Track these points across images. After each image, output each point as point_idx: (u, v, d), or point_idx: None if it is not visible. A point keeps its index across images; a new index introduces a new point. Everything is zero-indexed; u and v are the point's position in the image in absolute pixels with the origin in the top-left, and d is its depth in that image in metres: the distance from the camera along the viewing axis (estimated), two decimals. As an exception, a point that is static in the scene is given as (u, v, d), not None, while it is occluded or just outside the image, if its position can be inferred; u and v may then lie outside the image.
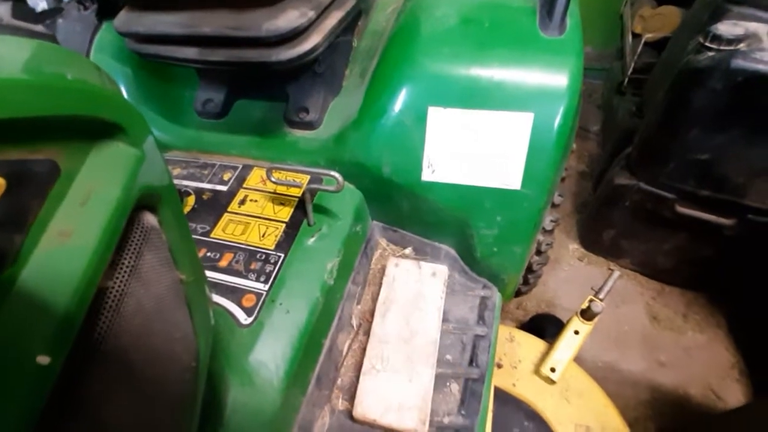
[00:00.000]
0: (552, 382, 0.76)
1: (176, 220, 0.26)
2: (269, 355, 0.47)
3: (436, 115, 0.54)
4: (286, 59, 0.51)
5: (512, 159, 0.54)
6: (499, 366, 0.79)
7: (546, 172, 0.54)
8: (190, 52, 0.54)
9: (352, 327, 0.60)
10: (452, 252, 0.66)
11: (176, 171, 0.66)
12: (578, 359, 0.80)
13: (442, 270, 0.62)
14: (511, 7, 0.56)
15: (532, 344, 0.82)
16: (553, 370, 0.75)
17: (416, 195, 0.59)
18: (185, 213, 0.59)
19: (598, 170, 1.20)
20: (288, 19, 0.48)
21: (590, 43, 1.66)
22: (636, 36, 1.23)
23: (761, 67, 0.69)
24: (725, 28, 0.73)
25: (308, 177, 0.62)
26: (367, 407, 0.50)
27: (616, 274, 0.83)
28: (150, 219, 0.23)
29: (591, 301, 0.80)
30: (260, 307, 0.49)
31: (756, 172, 0.79)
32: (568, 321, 0.81)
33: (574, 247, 1.18)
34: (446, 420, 0.50)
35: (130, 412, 0.21)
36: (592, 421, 0.74)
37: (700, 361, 1.00)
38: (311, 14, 0.50)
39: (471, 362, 0.55)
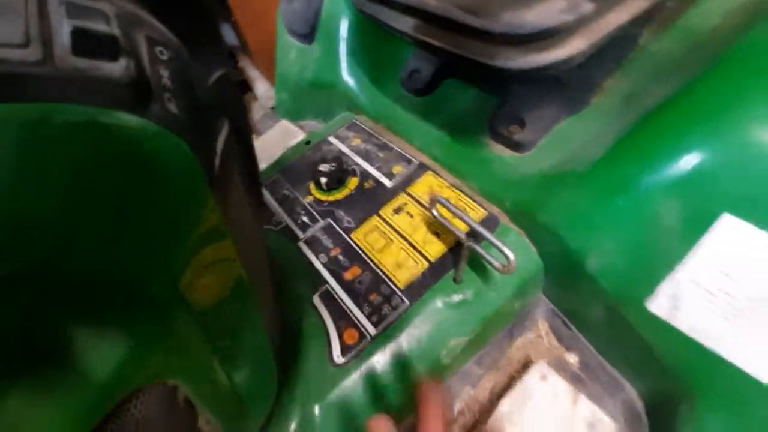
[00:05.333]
0: None
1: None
2: (344, 412, 0.40)
3: (730, 230, 0.30)
4: (517, 68, 0.34)
5: None
6: None
7: None
8: (407, 25, 0.42)
9: (453, 413, 0.48)
10: (637, 404, 0.43)
11: (356, 141, 0.60)
12: None
13: (607, 426, 0.41)
14: None
15: None
16: None
17: (624, 320, 0.38)
18: (344, 195, 0.54)
19: None
20: (547, 11, 0.30)
21: None
22: None
23: None
24: None
25: (483, 214, 0.47)
26: None
27: None
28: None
29: None
30: (357, 353, 0.41)
31: None
32: None
33: None
34: None
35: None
36: None
37: None
38: (587, 7, 0.30)
39: None
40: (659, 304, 0.34)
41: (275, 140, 0.72)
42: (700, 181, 0.31)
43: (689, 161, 0.32)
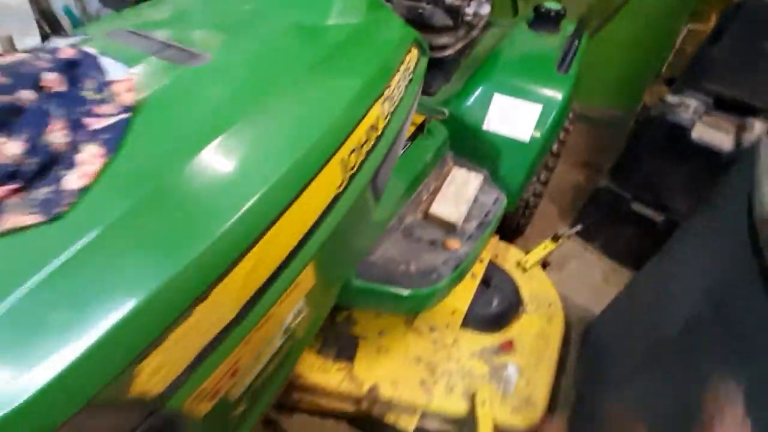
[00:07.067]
0: (525, 270, 1.31)
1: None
2: (397, 181, 1.07)
3: (498, 97, 1.15)
4: (436, 57, 1.14)
5: (527, 124, 1.13)
6: (495, 257, 1.34)
7: (542, 136, 1.13)
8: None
9: (430, 188, 1.19)
10: (486, 173, 1.24)
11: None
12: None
13: (480, 176, 1.20)
14: (546, 57, 1.17)
15: (519, 253, 1.37)
16: (526, 261, 1.31)
17: (478, 136, 1.19)
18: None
19: (595, 185, 1.74)
20: (444, 40, 1.12)
21: (622, 106, 2.23)
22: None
23: (679, 120, 1.24)
24: (671, 98, 1.30)
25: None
26: (434, 211, 1.08)
27: (578, 227, 1.38)
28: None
29: (556, 234, 1.35)
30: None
31: (676, 186, 1.33)
32: (543, 242, 1.36)
33: (565, 230, 1.72)
34: (467, 228, 1.08)
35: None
36: (542, 295, 1.27)
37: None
38: (452, 41, 1.14)
39: (485, 216, 1.13)
40: (485, 126, 1.17)
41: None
42: (480, 90, 1.16)
43: (479, 84, 1.17)
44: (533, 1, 1.42)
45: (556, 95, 1.12)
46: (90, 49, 0.49)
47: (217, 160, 0.45)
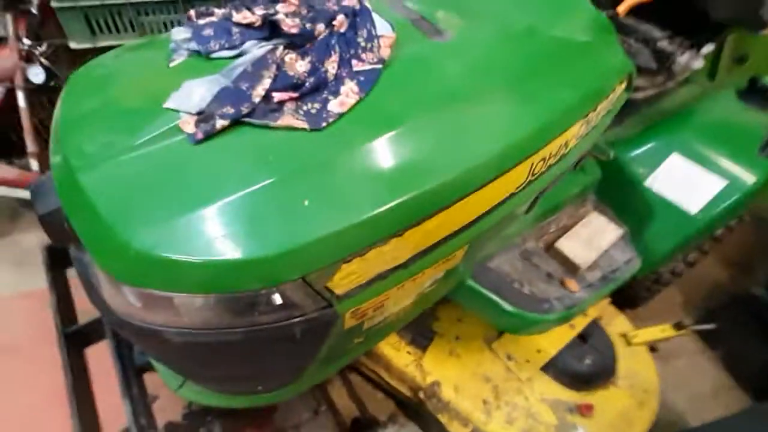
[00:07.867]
0: (629, 344, 1.20)
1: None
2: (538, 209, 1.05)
3: (676, 157, 1.06)
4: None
5: (701, 196, 1.02)
6: (600, 318, 1.25)
7: (714, 215, 1.01)
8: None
9: (560, 222, 1.15)
10: (627, 230, 1.16)
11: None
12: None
13: (619, 231, 1.12)
14: (749, 133, 1.04)
15: (627, 324, 1.26)
16: (634, 336, 1.20)
17: (634, 190, 1.11)
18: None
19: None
20: (638, 82, 1.06)
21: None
22: None
23: None
24: None
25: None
26: (561, 247, 1.05)
27: (710, 325, 1.21)
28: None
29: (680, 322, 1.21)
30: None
31: None
32: (660, 324, 1.23)
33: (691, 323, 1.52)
34: (590, 276, 1.02)
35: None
36: (640, 377, 1.16)
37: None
38: (647, 85, 1.07)
39: (612, 272, 1.06)
40: (648, 182, 1.09)
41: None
42: (657, 144, 1.08)
43: (658, 138, 1.09)
44: (738, 70, 1.27)
45: (749, 177, 0.99)
46: (367, 4, 0.58)
47: (441, 125, 0.50)
